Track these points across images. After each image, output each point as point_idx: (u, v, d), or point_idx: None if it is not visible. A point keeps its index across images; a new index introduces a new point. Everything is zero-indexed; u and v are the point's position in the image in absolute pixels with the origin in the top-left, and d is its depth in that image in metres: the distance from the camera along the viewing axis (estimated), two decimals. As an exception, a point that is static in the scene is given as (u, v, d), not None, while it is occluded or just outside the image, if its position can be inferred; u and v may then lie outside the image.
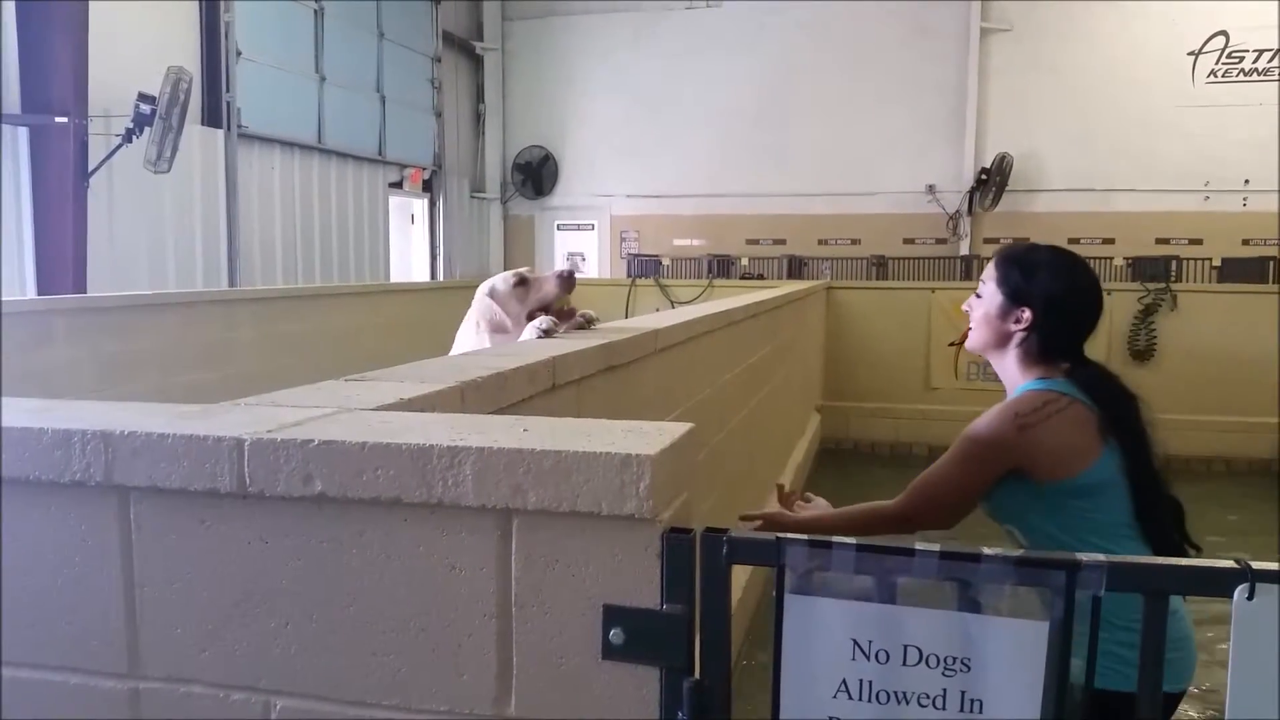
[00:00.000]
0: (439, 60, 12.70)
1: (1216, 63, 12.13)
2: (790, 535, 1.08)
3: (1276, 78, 11.97)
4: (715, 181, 13.31)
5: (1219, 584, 0.99)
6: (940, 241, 12.85)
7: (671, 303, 11.84)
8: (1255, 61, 12.04)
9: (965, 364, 11.44)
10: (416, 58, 12.26)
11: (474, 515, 1.12)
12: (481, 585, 1.14)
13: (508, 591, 1.13)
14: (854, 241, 13.06)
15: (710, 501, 4.41)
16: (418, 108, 12.34)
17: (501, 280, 3.02)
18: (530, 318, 2.88)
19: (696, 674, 1.08)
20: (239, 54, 9.00)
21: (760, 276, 12.88)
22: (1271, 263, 11.71)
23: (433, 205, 12.77)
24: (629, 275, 13.10)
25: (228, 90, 8.86)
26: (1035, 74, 12.48)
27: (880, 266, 12.78)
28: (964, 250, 12.71)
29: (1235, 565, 0.98)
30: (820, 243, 13.21)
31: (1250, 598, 0.97)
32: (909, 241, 12.92)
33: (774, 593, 1.08)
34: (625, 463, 1.06)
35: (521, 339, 2.83)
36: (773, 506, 2.46)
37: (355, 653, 1.17)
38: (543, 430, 1.22)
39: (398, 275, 12.09)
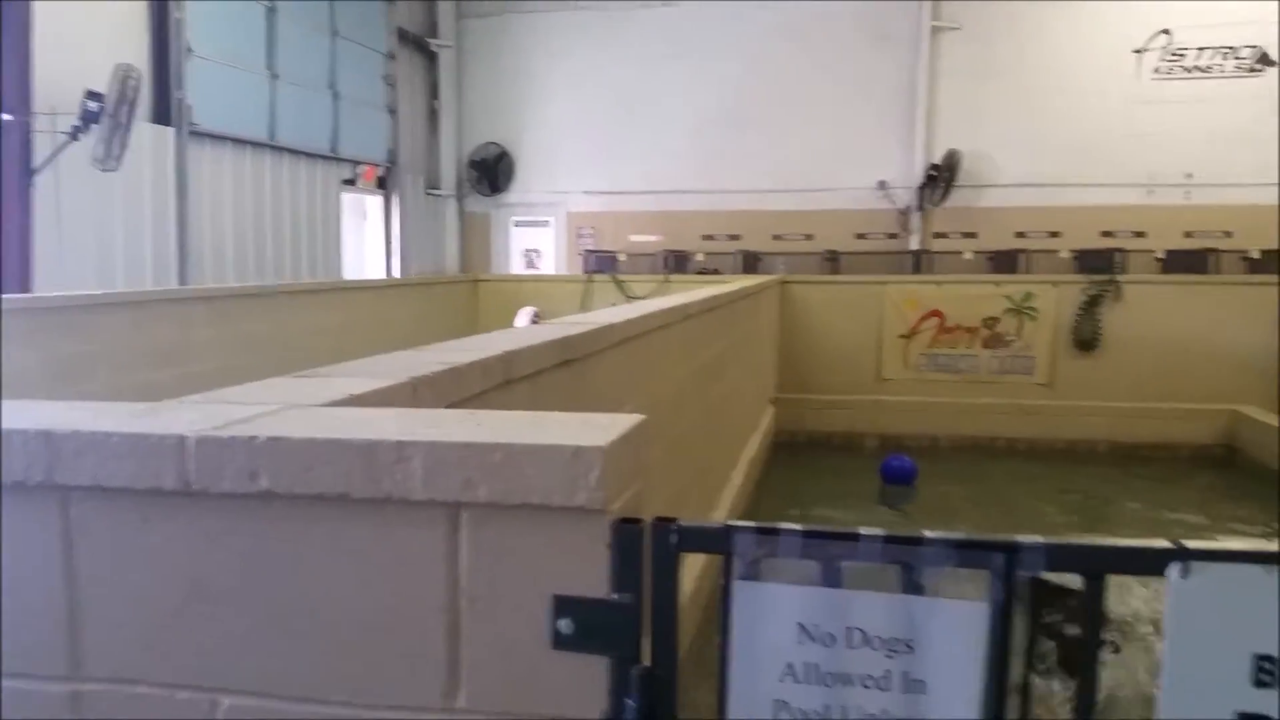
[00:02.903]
0: (393, 57, 12.59)
1: (1160, 60, 12.38)
2: (738, 523, 1.09)
3: (1217, 74, 12.24)
4: (672, 178, 13.35)
5: (1154, 563, 1.02)
6: (892, 237, 12.99)
7: (628, 298, 11.86)
8: (1197, 59, 12.30)
9: (916, 356, 11.66)
10: (370, 55, 12.14)
11: (423, 509, 1.12)
12: (430, 579, 1.13)
13: (456, 585, 1.13)
14: (808, 237, 13.16)
15: (667, 493, 4.43)
16: (372, 105, 12.23)
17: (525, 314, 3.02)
18: None
19: (646, 662, 1.09)
20: (190, 51, 8.86)
21: (716, 272, 12.94)
22: (1212, 255, 11.99)
23: (387, 202, 12.66)
24: (585, 271, 13.11)
25: (178, 88, 8.71)
26: (984, 72, 12.66)
27: (833, 261, 12.89)
28: (914, 245, 12.86)
29: (1169, 545, 1.01)
30: (775, 238, 13.29)
31: (1184, 576, 1.00)
32: (861, 237, 13.05)
33: (721, 580, 1.10)
34: (576, 454, 1.07)
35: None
36: None
37: (303, 649, 1.16)
38: (494, 423, 1.22)
39: (352, 273, 11.97)
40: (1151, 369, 10.82)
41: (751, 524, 1.09)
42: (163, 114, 8.68)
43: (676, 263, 13.18)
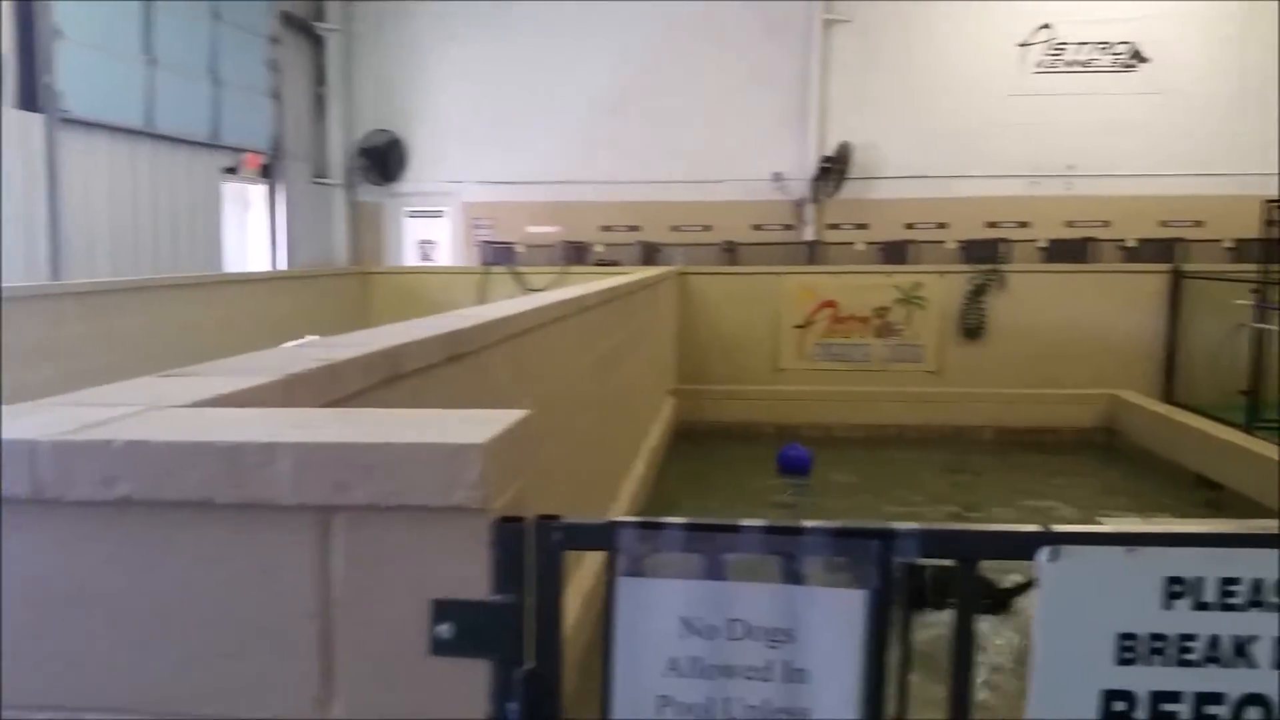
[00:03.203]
0: (277, 41, 12.19)
1: (1042, 54, 12.86)
2: (622, 519, 1.08)
3: (1095, 69, 12.78)
4: (570, 169, 13.28)
5: (1023, 547, 1.04)
6: (787, 228, 13.20)
7: (526, 290, 11.77)
8: (1076, 53, 12.82)
9: (811, 346, 11.88)
10: (253, 39, 11.73)
11: (292, 514, 1.07)
12: (301, 585, 1.10)
13: (329, 591, 1.09)
14: (705, 228, 13.27)
15: (567, 486, 4.41)
16: (255, 91, 11.82)
17: None
18: None
19: (529, 663, 1.07)
20: (59, 34, 8.41)
21: (615, 263, 12.94)
22: (1091, 244, 12.53)
23: (272, 192, 12.26)
24: (482, 263, 12.95)
25: (47, 72, 8.27)
26: (874, 65, 12.95)
27: (731, 252, 13.03)
28: (809, 236, 13.09)
29: (1037, 529, 1.04)
30: (673, 229, 13.36)
31: (1052, 559, 1.03)
32: (758, 228, 13.22)
33: (606, 577, 1.08)
34: (455, 453, 1.04)
35: None
36: None
37: (170, 661, 1.11)
38: (368, 422, 1.18)
39: (235, 266, 11.57)
40: (1035, 356, 11.26)
41: (635, 519, 1.08)
42: (29, 100, 8.23)
43: (575, 254, 13.14)
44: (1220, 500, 8.27)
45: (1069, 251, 12.44)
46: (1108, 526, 1.04)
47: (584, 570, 3.86)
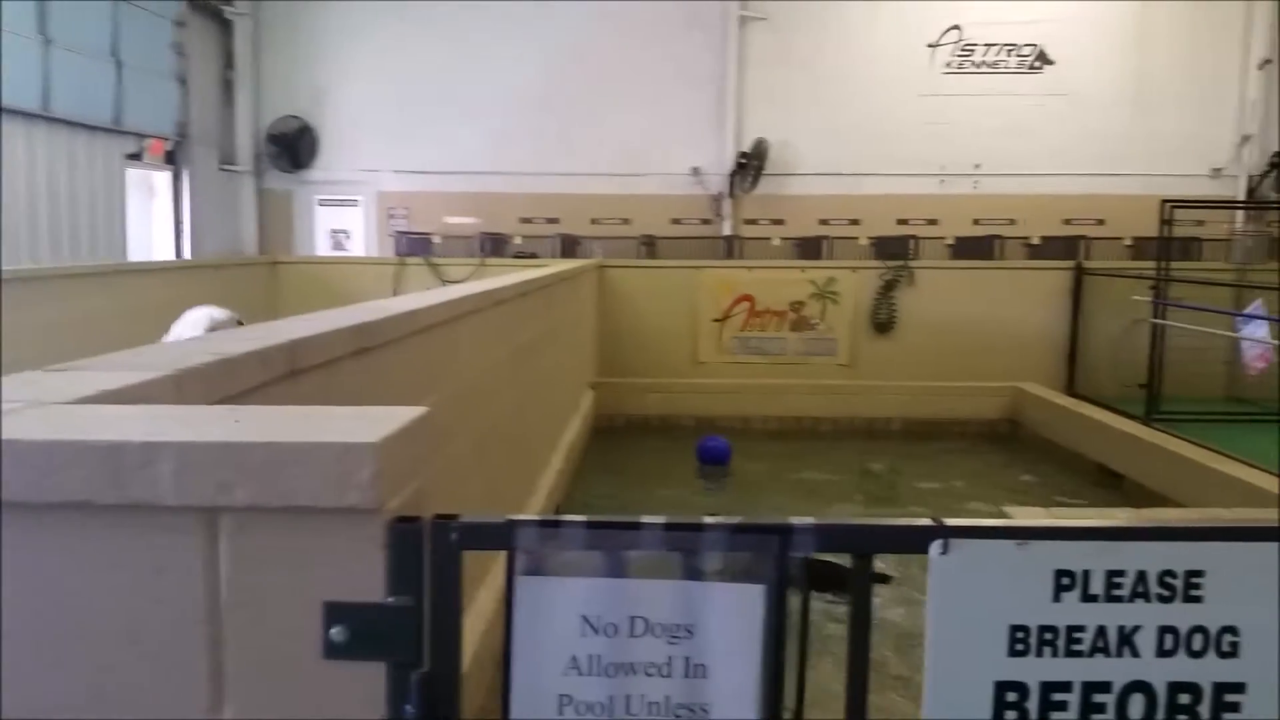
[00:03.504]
0: (183, 24, 11.78)
1: (951, 55, 13.15)
2: (521, 517, 1.07)
3: (1002, 70, 13.12)
4: (488, 159, 13.13)
5: (917, 541, 1.06)
6: (705, 222, 13.27)
7: (443, 282, 11.62)
8: (985, 55, 13.14)
9: (729, 339, 11.98)
10: (157, 20, 11.31)
11: (175, 515, 1.03)
12: (188, 589, 1.06)
13: (217, 594, 1.06)
14: (625, 221, 13.26)
15: (480, 482, 4.36)
16: (159, 74, 11.41)
17: (201, 321, 2.81)
18: None
19: (425, 666, 1.05)
20: (-60, 8, 8.00)
21: (534, 255, 12.85)
22: (997, 241, 12.88)
23: (177, 178, 11.86)
24: (397, 254, 12.73)
25: (-73, 49, 7.86)
26: (790, 62, 13.09)
27: (649, 246, 13.06)
28: (727, 230, 13.19)
29: (931, 523, 1.05)
30: (593, 222, 13.32)
31: (944, 552, 1.04)
32: (676, 222, 13.27)
33: (505, 576, 1.07)
34: (345, 452, 1.01)
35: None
36: None
37: (53, 670, 1.07)
38: (257, 420, 1.14)
39: (139, 254, 11.17)
40: (942, 349, 11.54)
41: (534, 518, 1.07)
42: (-89, 79, 7.81)
43: (493, 246, 13.00)
44: (1121, 490, 8.59)
45: (976, 248, 12.78)
46: (998, 521, 1.06)
47: (501, 570, 3.82)
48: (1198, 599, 1.01)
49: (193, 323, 2.76)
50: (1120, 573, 1.02)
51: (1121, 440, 8.80)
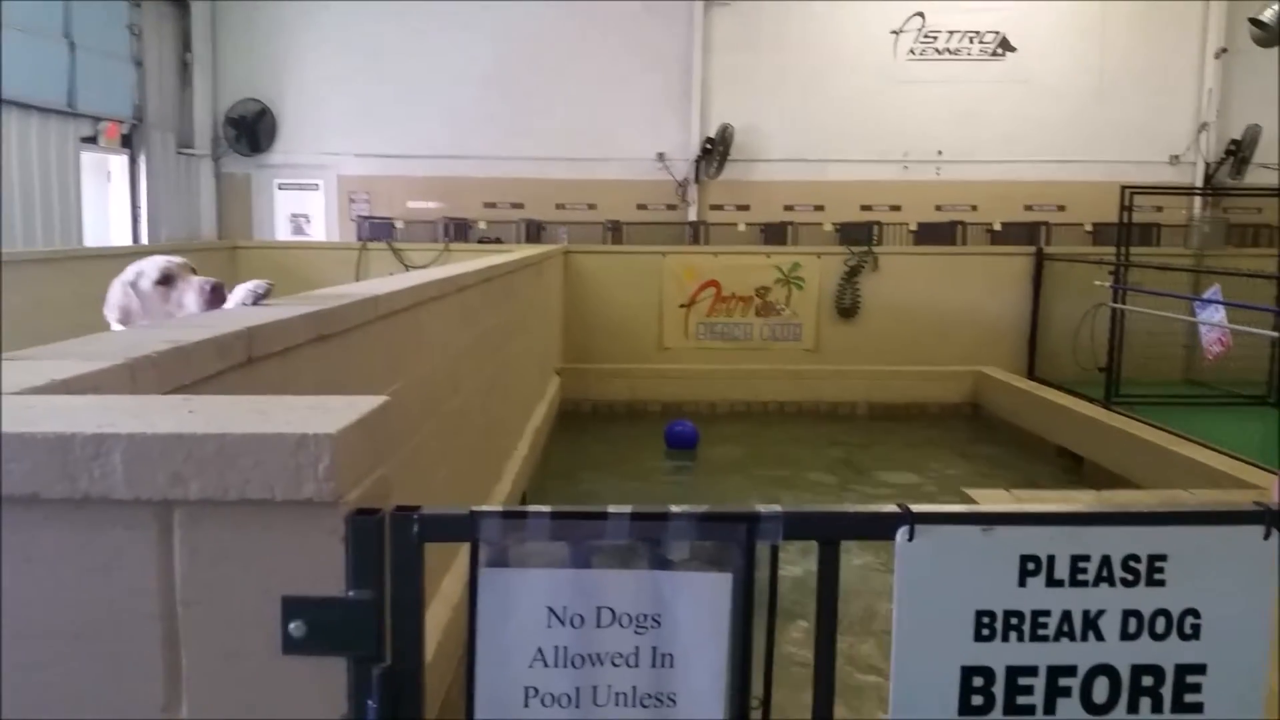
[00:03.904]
0: (139, 4, 11.53)
1: (915, 41, 13.20)
2: (484, 508, 1.05)
3: (965, 56, 13.19)
4: (452, 143, 12.99)
5: (884, 528, 1.06)
6: (671, 207, 13.24)
7: (406, 267, 11.51)
8: (948, 41, 13.20)
9: (695, 325, 11.98)
10: (112, 2, 11.07)
11: (128, 509, 1.01)
12: (142, 584, 1.03)
13: (172, 589, 1.03)
14: (590, 206, 13.20)
15: (445, 470, 4.32)
16: (114, 56, 11.16)
17: (147, 277, 2.74)
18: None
19: (387, 661, 1.03)
20: (-118, -15, 7.76)
21: (498, 240, 12.76)
22: (959, 226, 12.98)
23: (133, 162, 11.62)
24: (359, 239, 12.59)
25: None
26: (754, 48, 13.06)
27: (615, 231, 13.01)
28: (692, 216, 13.16)
29: (897, 509, 1.05)
30: (558, 207, 13.24)
31: (911, 539, 1.04)
32: (642, 207, 13.22)
33: (469, 568, 1.05)
34: (301, 443, 0.99)
35: (230, 305, 2.61)
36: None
37: (6, 665, 1.04)
38: (211, 411, 1.11)
39: (95, 239, 10.95)
40: (905, 334, 11.63)
41: (497, 509, 1.05)
42: None
43: (457, 231, 12.89)
44: (1081, 472, 8.72)
45: (938, 234, 12.86)
46: (964, 507, 1.05)
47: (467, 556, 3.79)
48: (1160, 583, 1.02)
49: (147, 271, 2.71)
50: (1085, 557, 1.02)
51: (1081, 423, 8.92)
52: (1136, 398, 9.13)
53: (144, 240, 11.62)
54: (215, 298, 2.68)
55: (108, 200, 11.52)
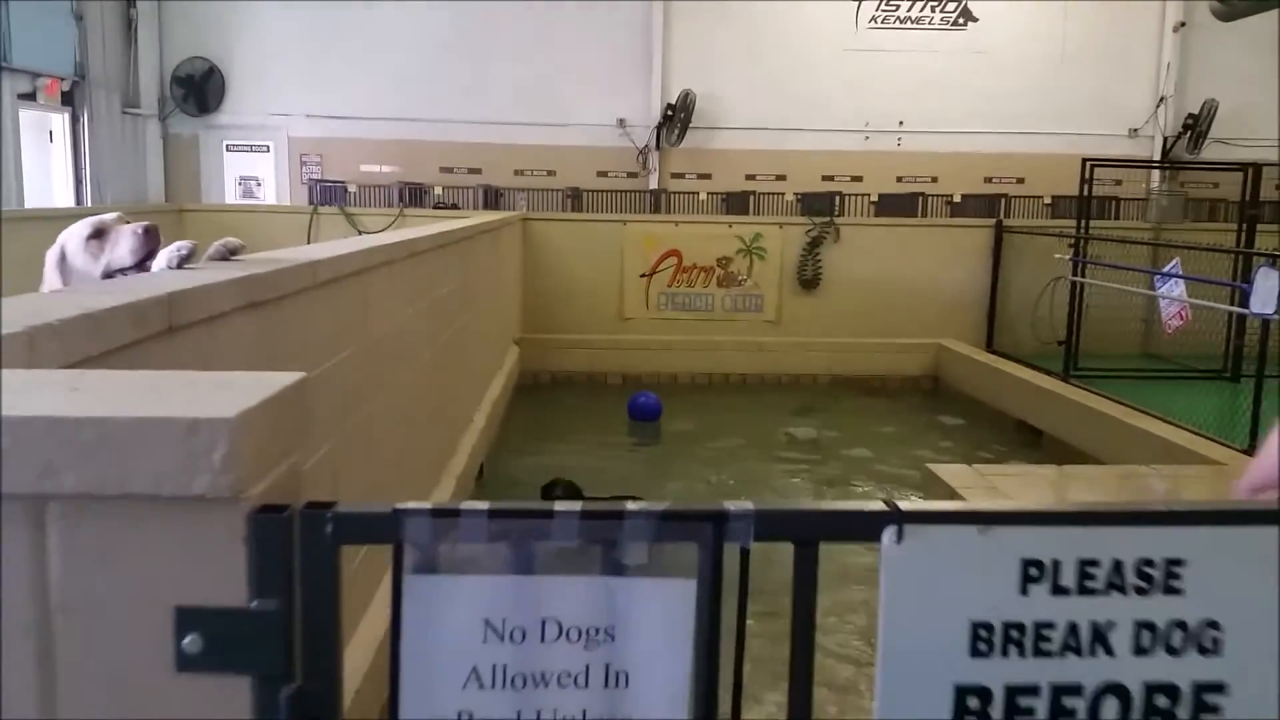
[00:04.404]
0: (79, -44, 11.07)
1: (876, 10, 13.06)
2: (410, 506, 0.91)
3: (926, 26, 13.09)
4: (408, 105, 12.67)
5: (868, 528, 0.93)
6: (631, 175, 13.05)
7: (359, 232, 11.24)
8: (909, 10, 13.08)
9: (656, 295, 11.84)
10: (51, -49, 10.62)
11: (-7, 505, 0.86)
12: (13, 591, 0.89)
13: (46, 598, 0.88)
14: (550, 173, 12.97)
15: (393, 445, 4.16)
16: (54, 10, 10.72)
17: (76, 236, 2.56)
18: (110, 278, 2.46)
19: (298, 680, 0.89)
20: None
21: (455, 206, 12.50)
22: (920, 198, 12.93)
23: (75, 121, 11.20)
24: (311, 203, 12.26)
25: None
26: (716, 14, 12.84)
27: (575, 198, 12.80)
28: (653, 184, 13.00)
29: (884, 508, 0.93)
30: (517, 173, 13.00)
31: (899, 540, 0.92)
32: (602, 174, 13.03)
33: (392, 574, 0.91)
34: (192, 429, 0.84)
35: (155, 270, 2.43)
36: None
37: None
38: (100, 389, 0.96)
39: (37, 201, 10.55)
40: (867, 306, 11.58)
41: (425, 505, 0.91)
42: None
43: (413, 196, 12.61)
44: (1040, 445, 8.74)
45: (899, 205, 12.81)
46: (959, 505, 0.93)
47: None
48: (1178, 590, 0.91)
49: (75, 229, 2.54)
50: (1094, 562, 0.90)
51: (1041, 396, 8.93)
52: (1095, 371, 9.16)
53: (87, 202, 11.22)
54: (150, 238, 2.53)
55: (50, 160, 11.10)
